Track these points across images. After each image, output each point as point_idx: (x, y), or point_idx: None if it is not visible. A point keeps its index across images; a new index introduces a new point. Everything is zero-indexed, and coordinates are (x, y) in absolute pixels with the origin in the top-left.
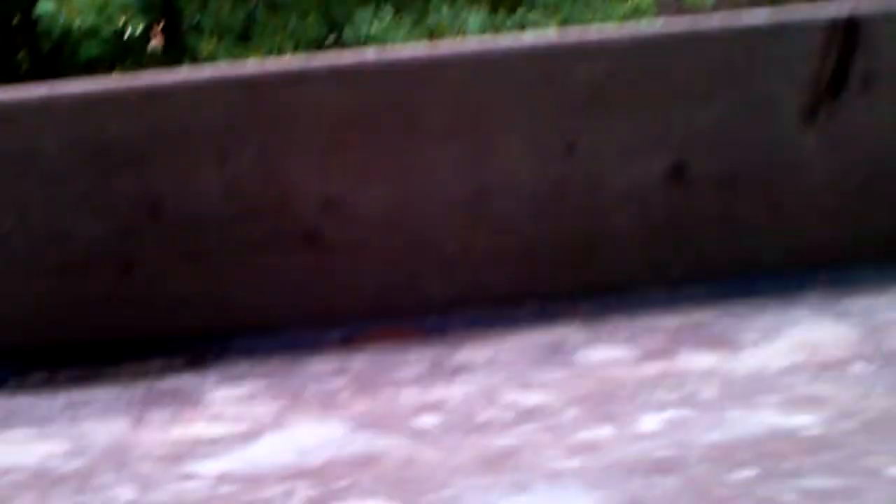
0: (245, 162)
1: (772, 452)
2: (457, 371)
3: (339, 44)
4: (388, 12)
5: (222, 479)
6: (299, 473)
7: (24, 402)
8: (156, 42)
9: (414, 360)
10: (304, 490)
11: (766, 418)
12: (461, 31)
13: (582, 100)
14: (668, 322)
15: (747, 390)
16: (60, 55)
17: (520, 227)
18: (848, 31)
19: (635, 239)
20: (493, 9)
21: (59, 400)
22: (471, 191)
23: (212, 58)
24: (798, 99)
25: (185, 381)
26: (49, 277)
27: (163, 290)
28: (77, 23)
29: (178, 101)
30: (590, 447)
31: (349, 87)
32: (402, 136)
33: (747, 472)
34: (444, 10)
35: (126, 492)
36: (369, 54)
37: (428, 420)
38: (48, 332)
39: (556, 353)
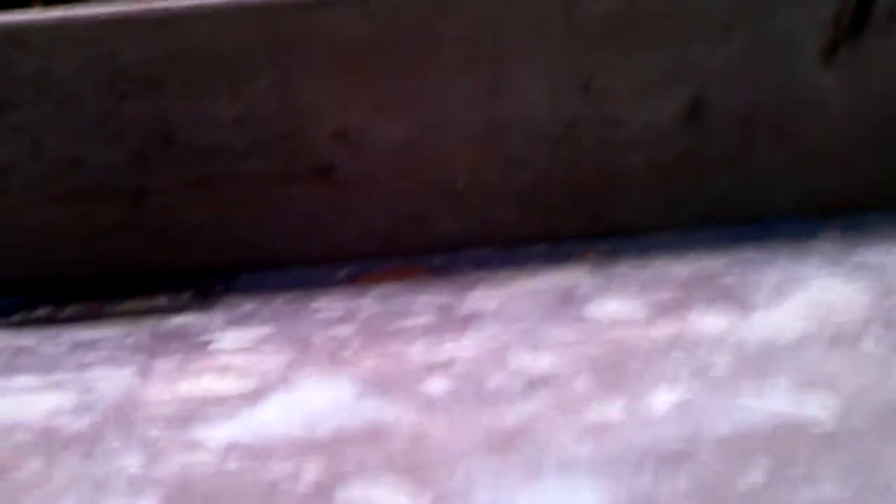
0: (259, 91)
1: (783, 451)
2: (466, 322)
3: None
4: None
5: (230, 450)
6: (307, 448)
7: (29, 341)
8: None
9: (423, 304)
10: (311, 469)
11: (777, 407)
12: None
13: (599, 34)
14: (680, 270)
15: (759, 367)
16: None
17: (533, 164)
18: None
19: (649, 179)
20: None
21: (64, 340)
22: (484, 126)
23: None
24: (819, 36)
25: (191, 322)
26: (59, 206)
27: (172, 221)
28: None
29: (192, 27)
30: (600, 429)
31: (367, 15)
32: (417, 67)
33: (757, 476)
34: None
35: (133, 462)
36: None
37: (437, 385)
38: (56, 264)
39: (567, 305)
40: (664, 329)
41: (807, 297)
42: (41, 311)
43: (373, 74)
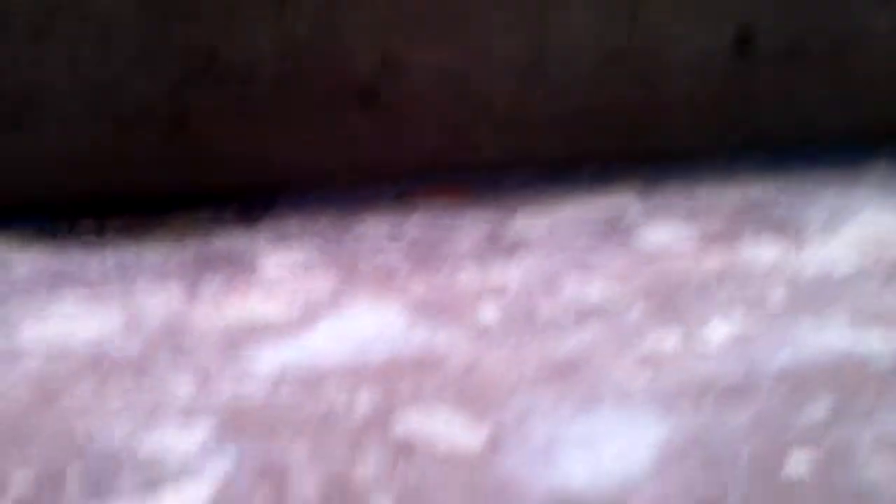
0: (302, 15)
1: (843, 387)
2: (513, 248)
3: None
4: None
5: (281, 377)
6: (360, 374)
7: (74, 259)
8: None
9: (469, 226)
10: (365, 399)
11: (835, 342)
12: None
13: None
14: (728, 198)
15: (814, 301)
16: None
17: (577, 91)
18: None
19: (696, 106)
20: None
21: (109, 259)
22: (529, 52)
23: None
24: None
25: (235, 241)
26: (103, 130)
27: (214, 145)
28: None
29: None
30: (656, 361)
31: None
32: None
33: (819, 411)
34: None
35: (183, 387)
36: None
37: (488, 313)
38: (99, 185)
39: (614, 231)
40: (715, 259)
41: (858, 229)
42: (84, 232)
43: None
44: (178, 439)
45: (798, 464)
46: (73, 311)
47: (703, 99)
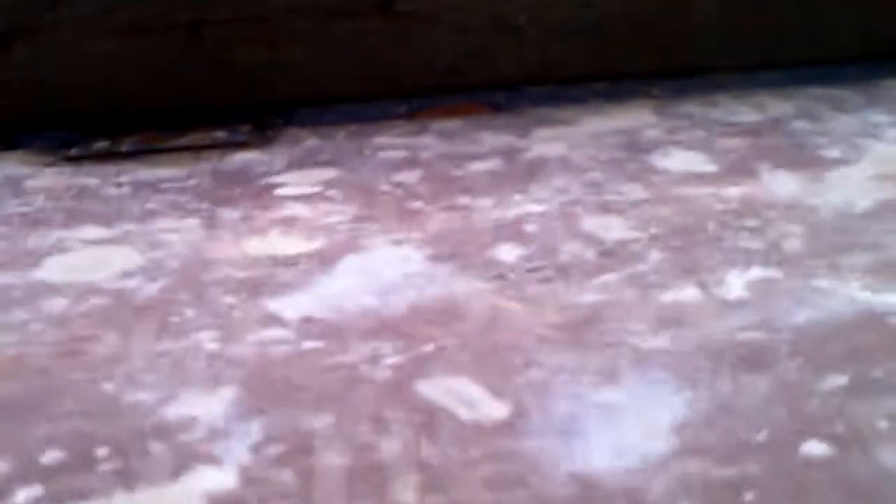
0: None
1: (863, 348)
2: (532, 170)
3: None
4: None
5: (306, 328)
6: (383, 326)
7: (90, 179)
8: None
9: (487, 146)
10: (389, 353)
11: (854, 294)
12: None
13: None
14: (747, 115)
15: (832, 245)
16: None
17: (598, 5)
18: None
19: (715, 20)
20: None
21: (125, 180)
22: None
23: None
24: None
25: (252, 159)
26: (117, 39)
27: (230, 56)
28: None
29: None
30: (676, 318)
31: None
32: None
33: (837, 380)
34: None
35: (209, 338)
36: None
37: (508, 255)
38: (112, 98)
39: (633, 152)
40: (734, 192)
41: (881, 150)
42: (99, 145)
43: None
44: (204, 405)
45: (817, 441)
46: (93, 240)
47: (722, 11)
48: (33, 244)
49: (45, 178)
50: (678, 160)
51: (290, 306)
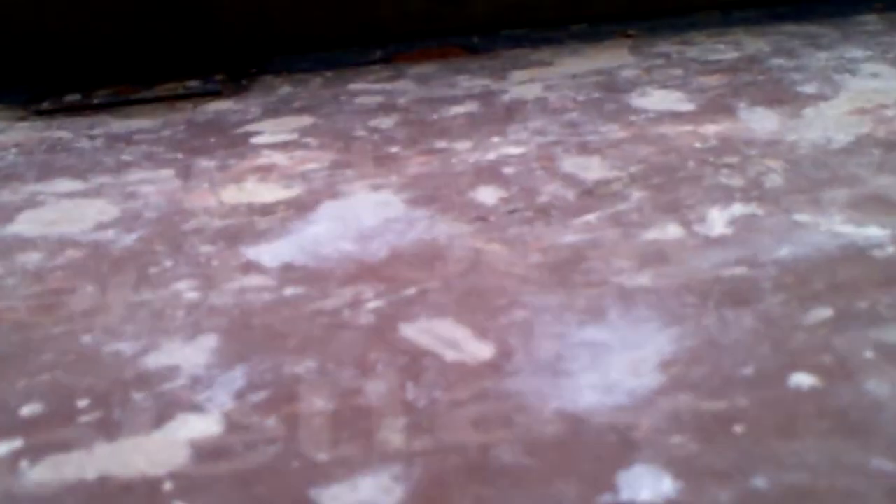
0: None
1: (846, 281)
2: (510, 112)
3: None
4: None
5: (286, 275)
6: (364, 271)
7: (63, 132)
8: None
9: (463, 89)
10: (371, 298)
11: (836, 228)
12: None
13: None
14: (723, 53)
15: (813, 181)
16: None
17: None
18: None
19: None
20: None
21: (98, 132)
22: None
23: None
24: None
25: (227, 108)
26: None
27: (203, 4)
28: None
29: None
30: (659, 256)
31: None
32: None
33: (822, 313)
34: None
35: (188, 287)
36: None
37: (488, 197)
38: (85, 47)
39: (611, 92)
40: (712, 129)
41: (857, 85)
42: (71, 98)
43: None
44: (185, 354)
45: (804, 373)
46: (68, 193)
47: None
48: (6, 199)
49: (16, 133)
50: (656, 99)
51: (269, 254)
